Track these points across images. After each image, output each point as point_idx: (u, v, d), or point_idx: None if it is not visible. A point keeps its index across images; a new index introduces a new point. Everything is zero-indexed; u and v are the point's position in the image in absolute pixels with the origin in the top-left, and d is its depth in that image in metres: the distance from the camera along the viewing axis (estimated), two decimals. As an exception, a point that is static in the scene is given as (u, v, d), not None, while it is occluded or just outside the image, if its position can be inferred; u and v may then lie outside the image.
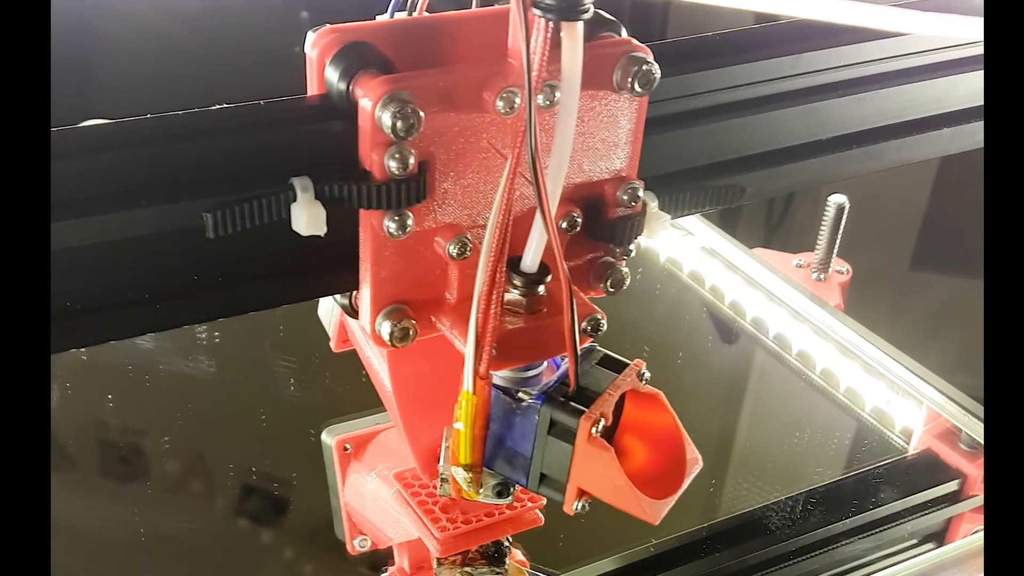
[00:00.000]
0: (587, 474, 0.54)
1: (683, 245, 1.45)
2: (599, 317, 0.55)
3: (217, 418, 1.22)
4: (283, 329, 1.28)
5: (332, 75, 0.51)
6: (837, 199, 1.32)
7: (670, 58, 0.61)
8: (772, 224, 1.76)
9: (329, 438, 0.71)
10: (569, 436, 0.54)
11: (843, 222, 1.33)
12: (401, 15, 0.56)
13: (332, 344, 0.63)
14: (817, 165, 0.68)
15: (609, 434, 0.56)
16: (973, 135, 0.74)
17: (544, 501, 0.64)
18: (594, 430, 0.53)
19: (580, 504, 0.55)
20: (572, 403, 0.54)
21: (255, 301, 0.54)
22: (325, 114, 0.51)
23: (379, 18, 0.55)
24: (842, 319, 1.27)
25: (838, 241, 1.35)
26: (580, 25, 0.49)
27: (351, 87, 0.50)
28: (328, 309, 0.65)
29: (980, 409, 1.11)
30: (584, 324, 0.55)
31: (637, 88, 0.54)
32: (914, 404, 1.17)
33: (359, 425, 0.72)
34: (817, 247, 1.36)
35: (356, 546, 0.74)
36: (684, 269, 1.45)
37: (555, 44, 0.49)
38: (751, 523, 1.03)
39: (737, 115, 0.64)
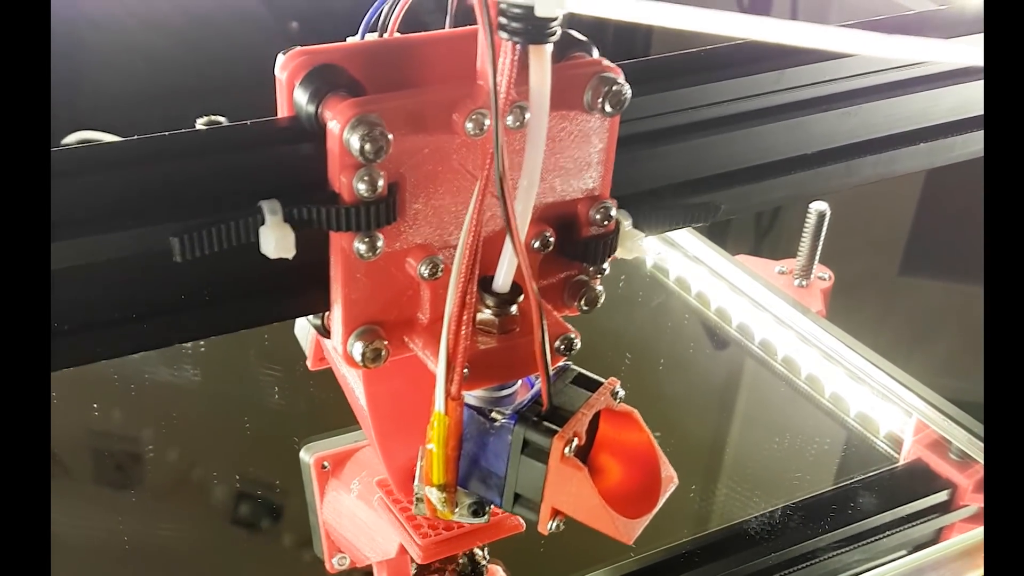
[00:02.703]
0: (561, 494, 0.54)
1: (669, 253, 1.45)
2: (572, 336, 0.55)
3: (202, 427, 1.22)
4: (268, 338, 1.28)
5: (301, 97, 0.51)
6: (818, 206, 1.32)
7: (653, 75, 0.61)
8: (761, 231, 1.76)
9: (307, 456, 0.71)
10: (542, 456, 0.54)
11: (824, 229, 1.33)
12: (372, 36, 0.56)
13: (309, 363, 0.63)
14: (802, 180, 0.68)
15: (584, 453, 0.56)
16: (959, 148, 0.74)
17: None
18: (567, 450, 0.53)
19: (554, 524, 0.55)
20: (545, 423, 0.54)
21: (227, 323, 0.54)
22: (294, 137, 0.51)
23: (350, 40, 0.55)
24: (824, 325, 1.28)
25: (820, 247, 1.35)
26: (548, 48, 0.48)
27: (320, 109, 0.50)
28: (304, 327, 0.64)
29: (967, 419, 1.11)
30: (557, 343, 0.55)
31: (608, 108, 0.54)
32: (898, 410, 1.17)
33: (338, 443, 0.71)
34: (799, 254, 1.36)
35: (335, 564, 0.74)
36: (670, 276, 1.45)
37: (523, 66, 0.49)
38: (739, 535, 1.02)
39: (721, 131, 0.64)
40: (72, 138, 1.02)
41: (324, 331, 0.56)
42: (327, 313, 0.55)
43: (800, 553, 1.02)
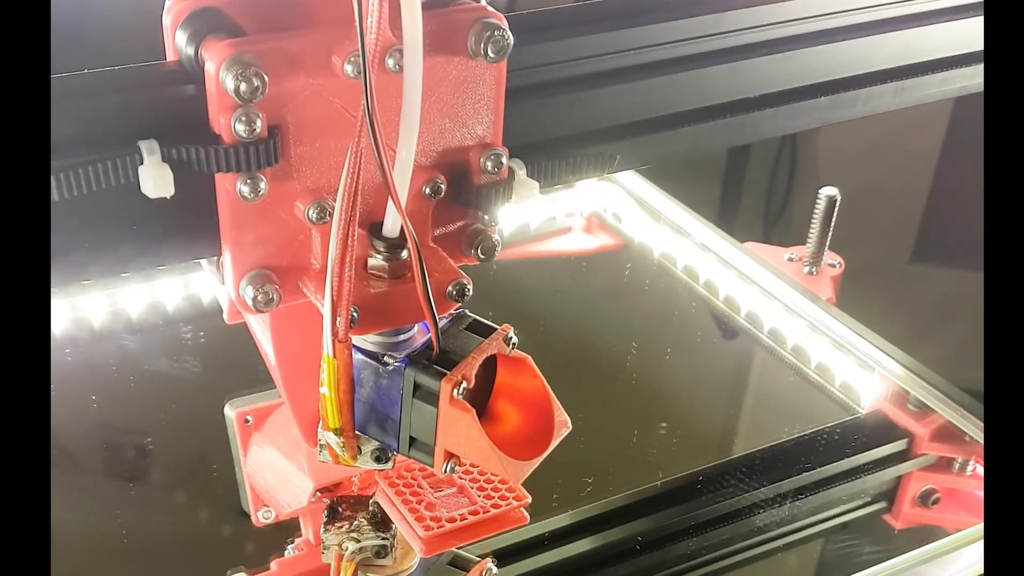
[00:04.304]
0: (452, 436, 0.55)
1: (677, 241, 1.45)
2: (464, 282, 0.56)
3: (201, 417, 1.21)
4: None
5: (181, 40, 0.52)
6: (828, 192, 1.31)
7: (594, 16, 0.61)
8: (771, 218, 1.75)
9: (230, 411, 0.72)
10: (432, 399, 0.54)
11: (835, 215, 1.32)
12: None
13: (225, 316, 0.64)
14: (741, 123, 0.69)
15: (483, 399, 0.57)
16: (903, 93, 0.74)
17: (529, 499, 0.65)
18: (456, 392, 0.54)
19: (449, 466, 0.56)
20: (435, 366, 0.55)
21: (120, 265, 0.55)
22: (177, 79, 0.52)
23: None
24: (834, 313, 1.27)
25: (830, 234, 1.34)
26: (416, -13, 0.49)
27: (199, 51, 0.51)
28: (222, 282, 0.65)
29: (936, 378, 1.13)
30: (449, 288, 0.56)
31: (491, 54, 0.54)
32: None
33: (261, 399, 0.72)
34: (809, 240, 1.35)
35: (260, 518, 0.75)
36: (678, 265, 1.45)
37: (400, 7, 0.50)
38: (705, 480, 1.04)
39: (663, 73, 0.65)
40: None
41: (219, 276, 0.57)
42: (220, 258, 0.56)
43: (760, 499, 1.04)
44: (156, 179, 0.50)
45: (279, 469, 0.69)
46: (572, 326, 1.37)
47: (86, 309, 1.26)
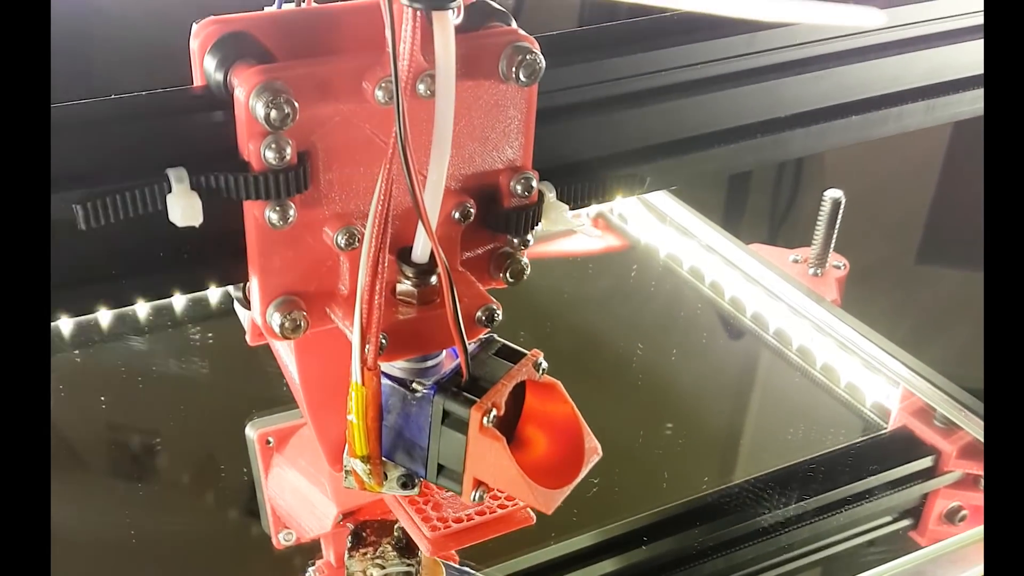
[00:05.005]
0: (481, 464, 0.54)
1: (683, 243, 1.45)
2: (494, 307, 0.55)
3: (209, 419, 1.21)
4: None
5: (210, 65, 0.51)
6: (833, 194, 1.31)
7: (624, 37, 0.61)
8: (776, 219, 1.74)
9: (252, 432, 0.72)
10: (462, 426, 0.54)
11: (839, 217, 1.31)
12: (289, 6, 0.56)
13: (248, 338, 0.63)
14: (773, 143, 0.68)
15: (512, 424, 0.56)
16: (934, 111, 0.73)
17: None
18: (486, 420, 0.53)
19: (478, 494, 0.55)
20: (465, 393, 0.54)
21: (147, 291, 0.54)
22: (205, 105, 0.51)
23: (266, 9, 0.55)
24: (839, 315, 1.26)
25: (835, 236, 1.33)
26: (449, 14, 0.48)
27: (228, 77, 0.50)
28: (243, 303, 0.65)
29: (954, 389, 1.12)
30: (479, 314, 0.55)
31: (522, 78, 0.53)
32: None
33: (282, 419, 0.72)
34: (814, 242, 1.35)
35: (281, 540, 0.74)
36: (684, 266, 1.44)
37: (431, 33, 0.49)
38: (728, 499, 1.03)
39: (694, 93, 0.64)
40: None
41: (245, 302, 0.56)
42: (247, 284, 0.55)
43: (786, 517, 1.02)
44: (185, 208, 0.50)
45: (301, 492, 0.68)
46: (578, 327, 1.37)
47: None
